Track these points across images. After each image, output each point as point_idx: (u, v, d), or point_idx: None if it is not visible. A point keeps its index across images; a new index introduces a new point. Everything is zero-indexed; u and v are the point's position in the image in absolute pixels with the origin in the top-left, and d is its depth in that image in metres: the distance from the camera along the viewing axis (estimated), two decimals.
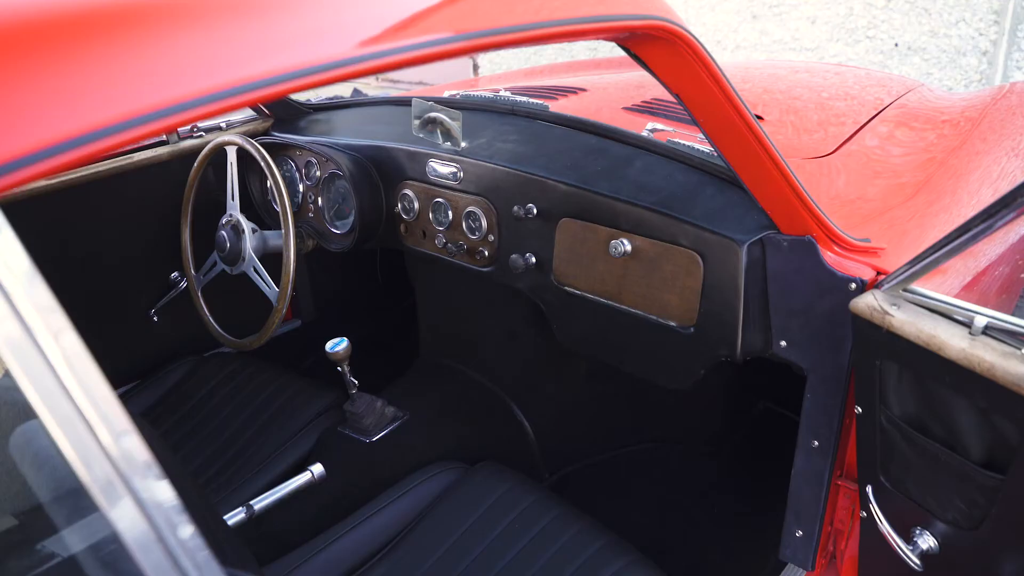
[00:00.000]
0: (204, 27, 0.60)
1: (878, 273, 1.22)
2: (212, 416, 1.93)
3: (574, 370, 2.09)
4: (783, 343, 1.33)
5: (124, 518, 0.58)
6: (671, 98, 1.12)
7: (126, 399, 2.00)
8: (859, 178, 1.68)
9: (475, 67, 6.12)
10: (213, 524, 1.29)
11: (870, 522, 1.22)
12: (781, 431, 1.98)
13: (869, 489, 1.21)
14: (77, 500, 0.58)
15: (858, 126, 1.98)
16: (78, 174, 1.89)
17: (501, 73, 3.16)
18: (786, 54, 4.80)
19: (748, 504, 2.00)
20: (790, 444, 1.38)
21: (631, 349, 1.53)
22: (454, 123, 1.69)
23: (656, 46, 1.01)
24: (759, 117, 1.94)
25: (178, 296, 2.13)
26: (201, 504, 1.28)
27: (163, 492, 0.60)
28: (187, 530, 0.62)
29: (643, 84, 2.28)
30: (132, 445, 0.58)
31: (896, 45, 4.40)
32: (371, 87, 6.90)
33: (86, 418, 0.56)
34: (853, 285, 1.21)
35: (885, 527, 1.17)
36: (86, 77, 0.54)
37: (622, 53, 1.04)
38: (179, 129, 2.07)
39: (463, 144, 1.71)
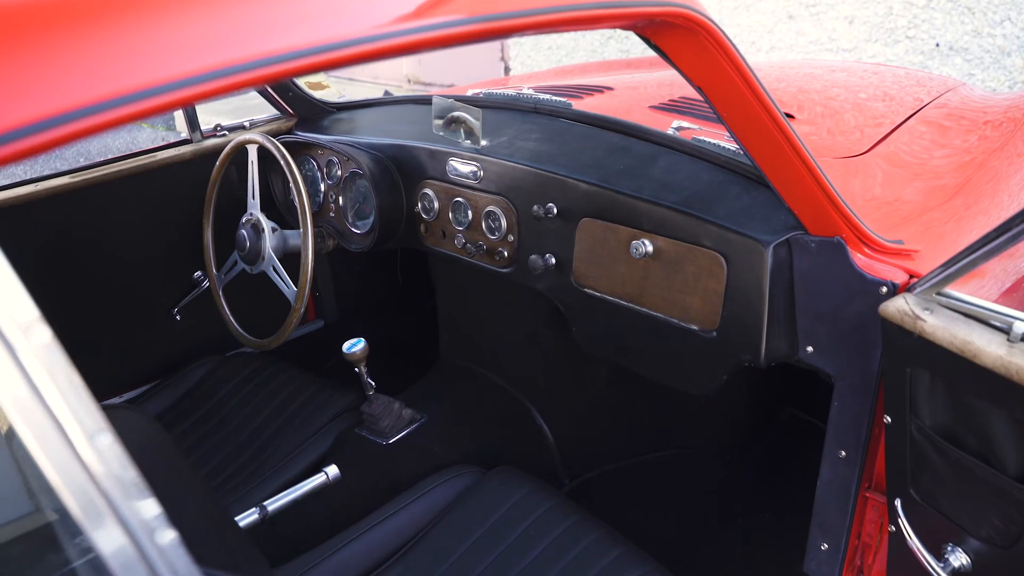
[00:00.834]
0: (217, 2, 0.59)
1: (911, 276, 1.17)
2: (231, 416, 1.93)
3: (595, 374, 2.04)
4: (810, 349, 1.28)
5: (97, 523, 0.55)
6: (699, 96, 1.08)
7: (147, 398, 2.01)
8: (897, 179, 1.62)
9: (506, 69, 6.10)
10: (222, 525, 1.27)
11: (899, 537, 1.16)
12: (808, 439, 1.92)
13: (898, 503, 1.15)
14: (48, 500, 0.56)
15: (895, 126, 1.91)
16: (102, 172, 1.90)
17: (531, 73, 3.12)
18: (823, 55, 4.71)
19: (772, 514, 1.94)
20: (817, 453, 1.33)
21: (651, 353, 1.49)
22: (475, 121, 1.66)
23: (676, 35, 0.97)
24: (789, 116, 1.88)
25: (201, 295, 2.13)
26: (210, 504, 1.26)
27: (138, 493, 0.57)
28: (165, 535, 0.59)
29: (672, 83, 2.23)
30: (105, 444, 0.56)
31: (937, 45, 4.28)
32: (403, 90, 6.92)
33: (56, 416, 0.54)
34: (884, 289, 1.16)
35: (915, 543, 1.11)
36: (100, 48, 0.54)
37: (655, 53, 1.00)
38: (202, 128, 2.08)
39: (483, 142, 1.69)
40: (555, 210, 1.54)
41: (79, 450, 0.55)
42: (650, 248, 1.39)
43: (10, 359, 0.53)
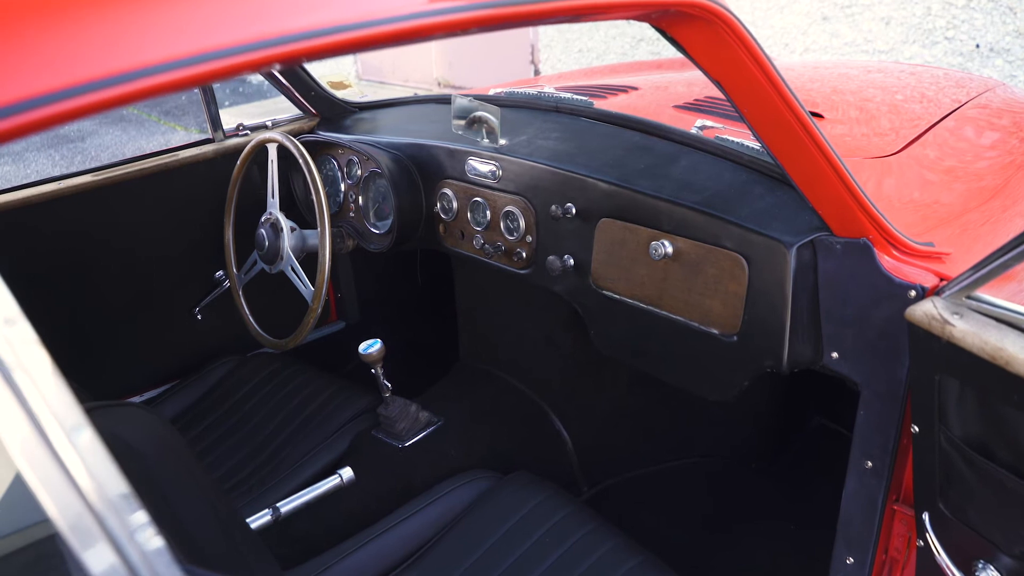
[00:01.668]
0: None
1: (941, 280, 1.12)
2: (249, 416, 1.92)
3: (616, 378, 2.01)
4: (835, 355, 1.23)
5: (73, 523, 0.53)
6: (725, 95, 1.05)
7: (166, 397, 2.01)
8: (936, 181, 1.56)
9: (536, 72, 6.08)
10: (232, 526, 1.26)
11: (927, 552, 1.11)
12: (836, 449, 1.86)
13: (926, 516, 1.10)
14: (18, 490, 0.54)
15: (930, 125, 1.85)
16: (124, 170, 1.91)
17: (559, 74, 3.10)
18: (858, 57, 4.61)
19: (798, 526, 1.88)
20: (845, 463, 1.28)
21: (670, 357, 1.45)
22: (494, 120, 1.64)
23: (693, 26, 0.93)
24: (817, 115, 1.83)
25: (222, 295, 2.13)
26: (220, 505, 1.25)
27: (117, 488, 0.55)
28: (147, 536, 0.57)
29: (698, 82, 2.19)
30: (84, 442, 0.54)
31: (977, 46, 4.17)
32: (434, 91, 6.93)
33: (31, 410, 0.52)
34: (913, 292, 1.11)
35: (943, 559, 1.06)
36: (119, 21, 0.53)
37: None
38: (224, 127, 2.08)
39: (502, 141, 1.66)
40: (574, 210, 1.51)
41: (56, 447, 0.53)
42: (670, 249, 1.35)
43: None
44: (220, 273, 2.14)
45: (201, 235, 2.08)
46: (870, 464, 1.23)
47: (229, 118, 2.12)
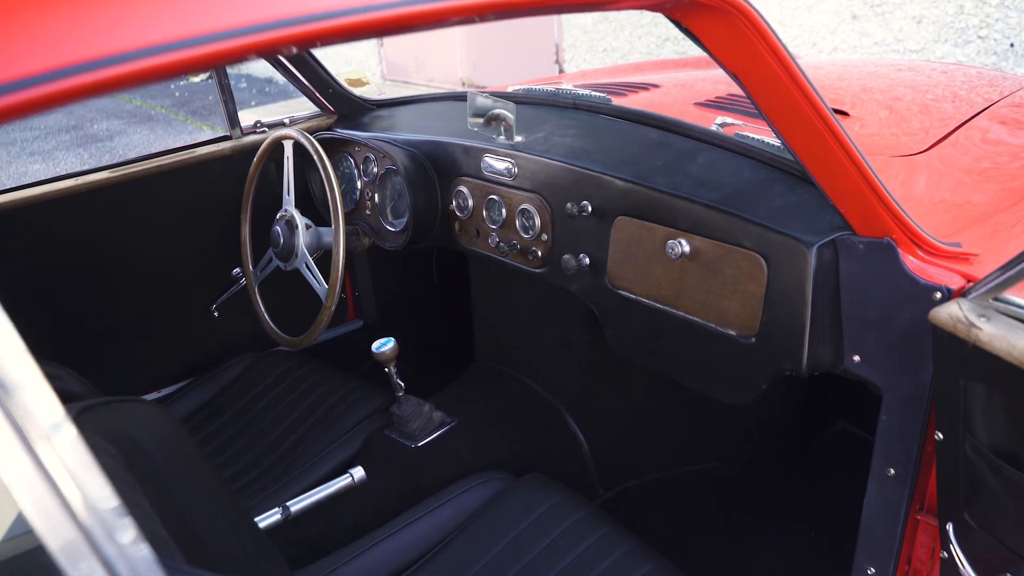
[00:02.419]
0: None
1: (968, 281, 1.08)
2: (263, 414, 1.91)
3: (633, 380, 1.97)
4: (856, 358, 1.19)
5: (47, 521, 0.52)
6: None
7: (182, 394, 2.01)
8: (967, 181, 1.51)
9: (560, 71, 6.05)
10: (239, 524, 1.25)
11: (951, 564, 1.07)
12: (859, 455, 1.82)
13: (950, 527, 1.06)
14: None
15: (959, 123, 1.79)
16: (142, 167, 1.91)
17: (582, 71, 3.07)
18: (888, 57, 4.53)
19: (818, 534, 1.84)
20: (867, 470, 1.24)
21: (687, 359, 1.41)
22: (509, 116, 1.61)
23: (709, 17, 0.90)
24: (841, 112, 1.79)
25: (239, 292, 2.13)
26: (227, 503, 1.24)
27: (98, 489, 0.53)
28: (127, 534, 0.55)
29: (722, 80, 2.15)
30: (66, 441, 0.52)
31: (1012, 45, 4.07)
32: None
33: (7, 408, 0.50)
34: (938, 294, 1.07)
35: (968, 571, 1.02)
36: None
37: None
38: (242, 124, 2.08)
39: (518, 138, 1.64)
40: (589, 208, 1.48)
41: (34, 445, 0.52)
42: (687, 248, 1.32)
43: None
44: (237, 270, 2.14)
45: (218, 232, 2.08)
46: (893, 472, 1.19)
47: (255, 118, 2.12)
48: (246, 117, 2.10)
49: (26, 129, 7.91)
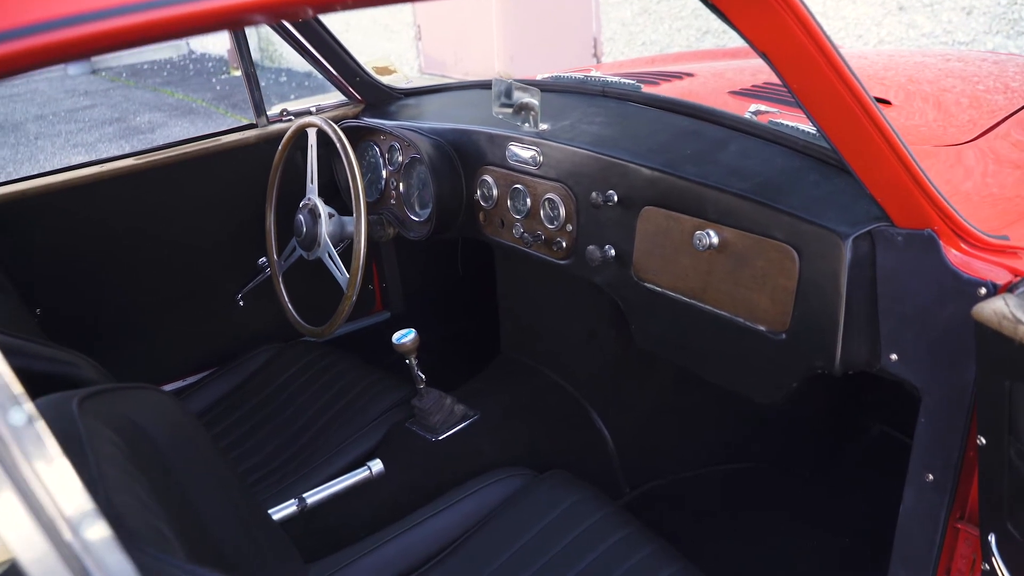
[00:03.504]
0: None
1: (1016, 276, 1.01)
2: (285, 405, 1.90)
3: (661, 376, 1.92)
4: (893, 356, 1.13)
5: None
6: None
7: (205, 383, 2.00)
8: (1014, 172, 1.43)
9: (598, 60, 5.98)
10: (251, 517, 1.23)
11: None
12: (898, 460, 1.75)
13: (992, 538, 1.00)
14: None
15: (1010, 113, 1.70)
16: (166, 154, 1.91)
17: (618, 62, 3.01)
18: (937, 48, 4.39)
19: (852, 541, 1.77)
20: (904, 476, 1.18)
21: (714, 355, 1.36)
22: (534, 103, 1.57)
23: None
24: (885, 102, 1.71)
25: (265, 282, 2.12)
26: (238, 495, 1.21)
27: (60, 477, 0.50)
28: (94, 529, 0.52)
29: (761, 70, 2.08)
30: (19, 421, 0.49)
31: None
32: None
33: None
34: (983, 290, 1.01)
35: None
36: None
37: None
38: (268, 112, 2.06)
39: (543, 126, 1.60)
40: (615, 197, 1.43)
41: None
42: (715, 239, 1.27)
43: None
44: (263, 260, 2.13)
45: (244, 221, 2.07)
46: (931, 477, 1.13)
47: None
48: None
49: (71, 121, 8.07)
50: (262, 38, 9.74)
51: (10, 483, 0.48)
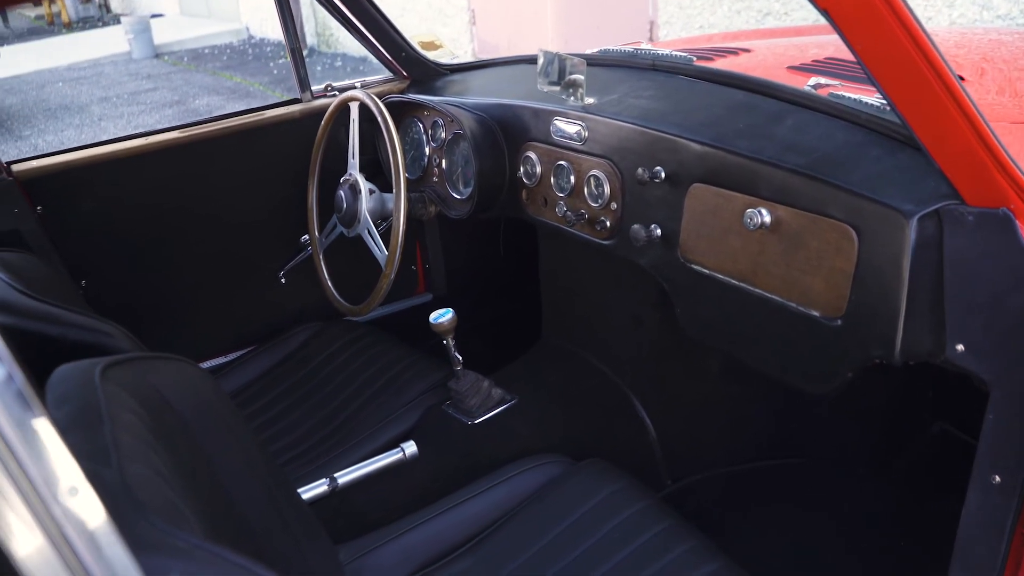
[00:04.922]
0: None
1: None
2: (323, 384, 1.88)
3: (708, 364, 1.85)
4: (960, 347, 1.04)
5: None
6: (851, 57, 0.88)
7: (245, 360, 2.00)
8: None
9: (652, 37, 5.86)
10: (280, 494, 1.20)
11: None
12: (960, 460, 1.65)
13: None
14: None
15: None
16: (210, 128, 1.90)
17: (673, 40, 2.92)
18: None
19: (907, 545, 1.68)
20: (968, 477, 1.10)
21: (764, 341, 1.29)
22: (579, 77, 1.51)
23: None
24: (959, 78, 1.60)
25: (308, 259, 2.11)
26: (267, 472, 1.19)
27: (42, 440, 0.47)
28: (73, 501, 0.49)
29: (823, 45, 1.99)
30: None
31: None
32: None
33: None
34: None
35: None
36: None
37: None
38: (312, 87, 2.04)
39: (589, 100, 1.54)
40: (663, 174, 1.36)
41: None
42: (768, 219, 1.19)
43: None
44: (306, 237, 2.11)
45: (286, 197, 2.06)
46: (998, 479, 1.04)
47: None
48: None
49: (133, 103, 8.26)
50: (319, 22, 9.81)
51: None
